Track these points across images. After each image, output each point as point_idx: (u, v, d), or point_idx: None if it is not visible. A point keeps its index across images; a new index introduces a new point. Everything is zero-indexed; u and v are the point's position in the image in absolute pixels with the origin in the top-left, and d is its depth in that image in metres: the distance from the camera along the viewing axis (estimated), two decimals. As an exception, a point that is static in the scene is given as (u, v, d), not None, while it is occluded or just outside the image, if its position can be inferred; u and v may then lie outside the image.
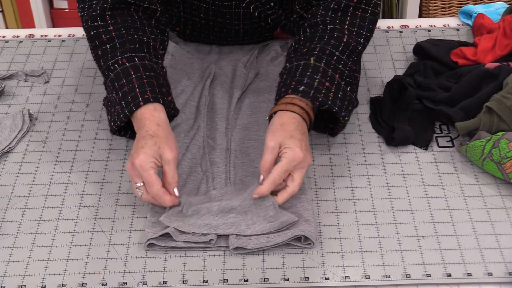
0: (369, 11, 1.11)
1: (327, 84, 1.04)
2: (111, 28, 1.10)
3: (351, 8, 1.11)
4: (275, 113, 1.03)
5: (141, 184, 0.99)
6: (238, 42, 1.34)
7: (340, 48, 1.07)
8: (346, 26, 1.09)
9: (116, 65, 1.07)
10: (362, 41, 1.10)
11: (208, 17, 1.27)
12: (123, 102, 1.04)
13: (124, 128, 1.10)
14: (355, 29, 1.10)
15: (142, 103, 1.02)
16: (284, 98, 1.04)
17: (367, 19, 1.11)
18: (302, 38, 1.12)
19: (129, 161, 0.99)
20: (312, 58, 1.06)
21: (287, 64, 1.09)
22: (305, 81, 1.04)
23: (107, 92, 1.10)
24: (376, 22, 1.13)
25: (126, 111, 1.03)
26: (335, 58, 1.06)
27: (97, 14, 1.11)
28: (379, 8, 1.14)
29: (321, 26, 1.10)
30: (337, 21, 1.10)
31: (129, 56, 1.07)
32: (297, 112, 1.02)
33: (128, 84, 1.04)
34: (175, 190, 0.99)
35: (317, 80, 1.04)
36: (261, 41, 1.35)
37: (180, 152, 1.11)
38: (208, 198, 1.03)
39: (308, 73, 1.04)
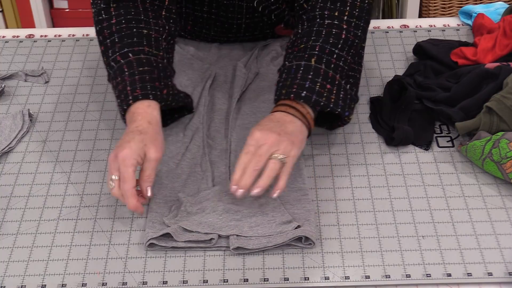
0: (366, 1, 1.11)
1: (328, 86, 1.04)
2: (114, 21, 1.10)
3: None
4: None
5: (117, 177, 0.96)
6: (238, 38, 1.34)
7: (340, 46, 1.07)
8: (345, 18, 1.09)
9: (113, 63, 1.07)
10: (359, 34, 1.10)
11: (211, 10, 1.27)
12: (118, 101, 1.06)
13: None
14: (354, 20, 1.09)
15: (131, 101, 1.03)
16: (285, 100, 1.04)
17: (364, 10, 1.11)
18: (300, 31, 1.11)
19: (113, 152, 0.98)
20: (313, 59, 1.05)
21: (286, 62, 1.09)
22: (307, 85, 1.03)
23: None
24: (371, 12, 1.13)
25: (120, 110, 1.05)
26: (335, 56, 1.06)
27: (101, 8, 1.11)
28: None
29: (318, 19, 1.10)
30: (336, 13, 1.09)
31: (124, 52, 1.07)
32: (296, 116, 1.02)
33: (122, 82, 1.05)
34: (148, 189, 0.98)
35: (318, 84, 1.04)
36: (262, 37, 1.34)
37: (180, 152, 1.11)
38: (212, 194, 1.02)
39: (310, 76, 1.04)
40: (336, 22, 1.08)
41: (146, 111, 1.02)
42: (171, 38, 1.16)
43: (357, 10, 1.10)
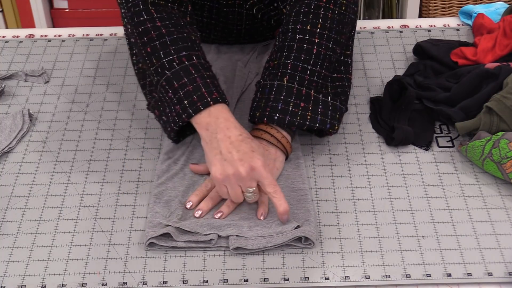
0: (336, 12, 1.10)
1: (302, 104, 1.05)
2: (159, 24, 1.06)
3: (321, 9, 1.09)
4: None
5: (255, 188, 0.97)
6: (238, 42, 1.34)
7: (312, 61, 1.07)
8: (317, 31, 1.08)
9: (174, 63, 1.03)
10: (331, 46, 1.09)
11: (211, 16, 1.27)
12: (185, 102, 1.01)
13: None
14: (326, 32, 1.08)
15: (212, 102, 1.00)
16: (260, 125, 1.06)
17: (335, 21, 1.10)
18: (277, 43, 1.11)
19: (242, 166, 0.96)
20: (285, 79, 1.06)
21: (261, 80, 1.09)
22: (279, 107, 1.04)
23: (156, 91, 1.07)
24: (344, 23, 1.11)
25: (191, 111, 1.00)
26: (308, 72, 1.06)
27: (141, 9, 1.08)
28: (345, 9, 1.11)
29: (290, 34, 1.09)
30: (308, 27, 1.08)
31: (188, 54, 1.04)
32: (270, 142, 1.05)
33: (192, 83, 1.02)
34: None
35: (291, 104, 1.05)
36: (262, 40, 1.35)
37: (183, 154, 1.11)
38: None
39: (282, 97, 1.05)
40: (307, 37, 1.08)
41: (232, 116, 1.01)
42: None
43: (328, 22, 1.09)
